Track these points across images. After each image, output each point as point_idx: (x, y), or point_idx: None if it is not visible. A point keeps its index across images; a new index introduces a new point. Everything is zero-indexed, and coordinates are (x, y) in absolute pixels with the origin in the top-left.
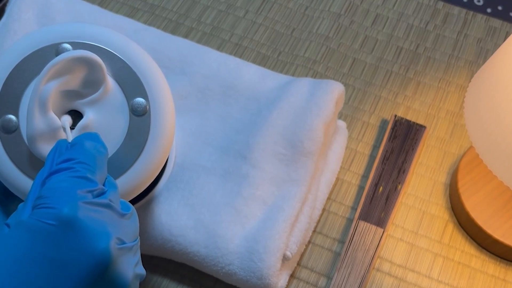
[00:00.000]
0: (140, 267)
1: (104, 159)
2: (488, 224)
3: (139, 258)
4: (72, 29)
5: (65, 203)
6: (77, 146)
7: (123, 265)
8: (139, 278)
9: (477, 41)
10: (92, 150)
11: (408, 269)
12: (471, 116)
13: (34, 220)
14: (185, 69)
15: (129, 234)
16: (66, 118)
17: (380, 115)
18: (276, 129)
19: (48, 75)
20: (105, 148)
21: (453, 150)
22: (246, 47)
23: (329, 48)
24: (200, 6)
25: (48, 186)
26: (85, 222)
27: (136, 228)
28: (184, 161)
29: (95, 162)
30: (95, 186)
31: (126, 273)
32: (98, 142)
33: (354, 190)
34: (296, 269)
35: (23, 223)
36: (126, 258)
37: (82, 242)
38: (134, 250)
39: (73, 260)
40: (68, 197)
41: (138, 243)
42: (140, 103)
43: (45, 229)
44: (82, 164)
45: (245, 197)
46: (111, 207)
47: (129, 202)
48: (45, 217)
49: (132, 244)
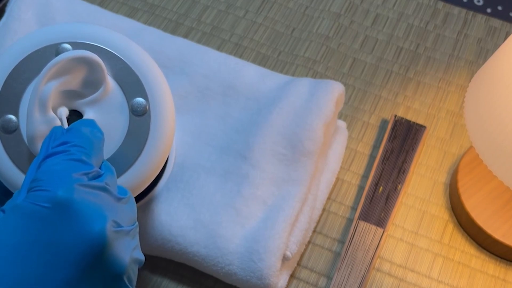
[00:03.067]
0: (138, 251)
1: (100, 143)
2: (488, 224)
3: (138, 243)
4: (72, 29)
5: (60, 186)
6: (73, 130)
7: (120, 248)
8: (138, 263)
9: (477, 41)
10: (88, 133)
11: (408, 269)
12: (471, 116)
13: (28, 203)
14: (185, 69)
15: (126, 218)
16: (63, 109)
17: (380, 115)
18: (276, 129)
19: (48, 75)
20: (101, 132)
21: (453, 150)
22: (246, 47)
23: (329, 48)
24: (200, 6)
25: (43, 169)
26: (80, 204)
27: (133, 213)
28: (184, 161)
29: (91, 146)
30: (90, 168)
31: (123, 256)
32: (94, 127)
33: (354, 190)
34: (296, 269)
35: (17, 206)
36: (123, 242)
37: (77, 225)
38: (131, 235)
39: (68, 243)
40: (63, 180)
41: (137, 228)
42: (140, 103)
43: (39, 212)
44: (78, 147)
45: (245, 197)
46: (107, 190)
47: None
48: (39, 199)
49: (129, 228)
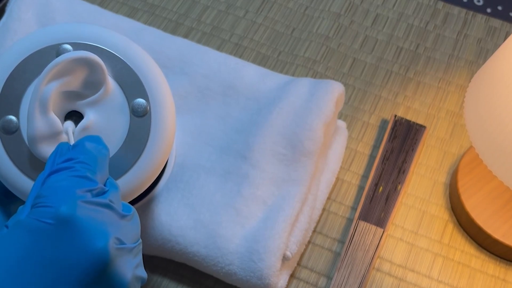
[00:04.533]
0: (141, 269)
1: (105, 159)
2: (488, 224)
3: (141, 261)
4: (72, 29)
5: (64, 202)
6: (78, 146)
7: (122, 266)
8: (140, 281)
9: (477, 41)
10: (93, 150)
11: (408, 269)
12: (471, 116)
13: (31, 219)
14: (185, 69)
15: (130, 236)
16: (70, 123)
17: (380, 115)
18: (276, 129)
19: (49, 76)
20: (107, 149)
21: (453, 150)
22: (246, 47)
23: (329, 48)
24: (200, 6)
25: (47, 185)
26: (83, 221)
27: (137, 230)
28: (184, 161)
29: (96, 162)
30: (94, 185)
31: (125, 274)
32: (99, 143)
33: (354, 190)
34: (296, 269)
35: (21, 222)
36: (125, 259)
37: (80, 241)
38: (134, 252)
39: (71, 259)
40: (66, 196)
41: (140, 246)
42: (141, 104)
43: (42, 228)
44: (82, 164)
45: (245, 197)
46: (110, 207)
47: (130, 204)
48: (43, 216)
49: (132, 246)
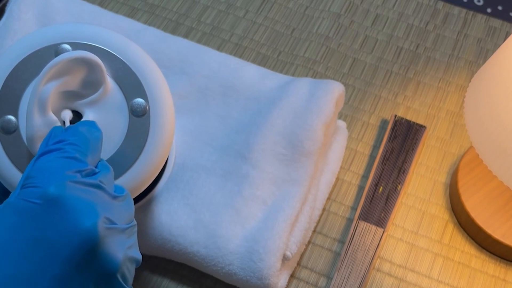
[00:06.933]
0: (135, 250)
1: (97, 142)
2: (488, 224)
3: (135, 242)
4: (71, 29)
5: (52, 182)
6: (71, 129)
7: (113, 246)
8: (135, 262)
9: (477, 41)
10: (85, 132)
11: (408, 269)
12: (471, 116)
13: (19, 200)
14: (185, 69)
15: (122, 216)
16: (67, 112)
17: (380, 115)
18: (276, 129)
19: (48, 76)
20: (99, 131)
21: (453, 150)
22: (246, 47)
23: (329, 48)
24: (200, 6)
25: (36, 166)
26: (71, 201)
27: (130, 212)
28: (184, 161)
29: (87, 144)
30: (84, 166)
31: (116, 253)
32: (92, 126)
33: (354, 190)
34: (296, 269)
35: (9, 203)
36: (116, 239)
37: (68, 221)
38: (128, 233)
39: (59, 239)
40: (55, 176)
41: (134, 227)
42: (140, 104)
43: (30, 208)
44: (73, 146)
45: (245, 197)
46: (101, 188)
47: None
48: (31, 196)
49: (125, 227)
